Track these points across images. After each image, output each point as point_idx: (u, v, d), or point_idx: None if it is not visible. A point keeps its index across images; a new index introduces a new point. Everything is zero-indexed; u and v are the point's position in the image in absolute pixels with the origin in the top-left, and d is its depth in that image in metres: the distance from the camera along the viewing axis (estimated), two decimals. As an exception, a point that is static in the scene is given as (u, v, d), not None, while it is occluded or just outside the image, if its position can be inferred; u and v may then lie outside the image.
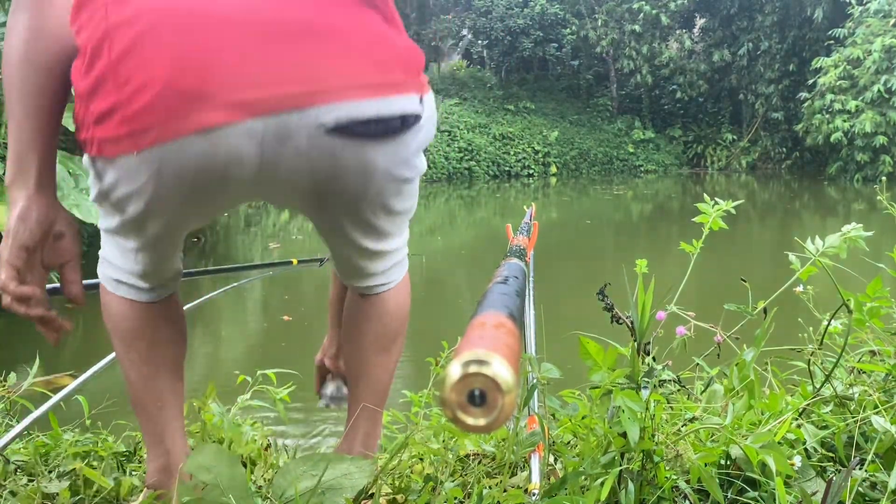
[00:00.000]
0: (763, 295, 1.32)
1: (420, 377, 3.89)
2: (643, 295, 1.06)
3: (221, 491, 1.05)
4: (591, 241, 10.98)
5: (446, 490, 1.14)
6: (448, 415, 0.43)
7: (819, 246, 1.21)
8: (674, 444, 1.13)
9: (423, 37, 24.71)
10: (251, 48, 0.86)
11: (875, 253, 1.32)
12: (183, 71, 0.84)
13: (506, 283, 0.69)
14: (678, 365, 1.41)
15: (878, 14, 19.18)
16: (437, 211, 14.96)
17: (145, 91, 0.84)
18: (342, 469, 1.13)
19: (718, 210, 1.29)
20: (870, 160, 18.69)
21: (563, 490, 1.02)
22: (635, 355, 1.05)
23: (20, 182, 0.95)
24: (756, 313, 1.28)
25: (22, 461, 1.43)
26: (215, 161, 0.88)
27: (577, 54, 25.34)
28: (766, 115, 23.21)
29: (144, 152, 0.87)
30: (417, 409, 1.73)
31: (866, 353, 1.38)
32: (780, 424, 1.12)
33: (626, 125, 25.02)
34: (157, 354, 1.15)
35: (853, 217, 5.21)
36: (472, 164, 21.86)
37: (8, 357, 4.38)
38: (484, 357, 0.43)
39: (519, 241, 1.31)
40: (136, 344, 1.13)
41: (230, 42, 0.86)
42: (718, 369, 1.41)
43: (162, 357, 1.16)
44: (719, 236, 1.36)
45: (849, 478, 0.97)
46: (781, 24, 22.47)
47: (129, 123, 0.86)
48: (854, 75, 18.88)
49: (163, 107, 0.84)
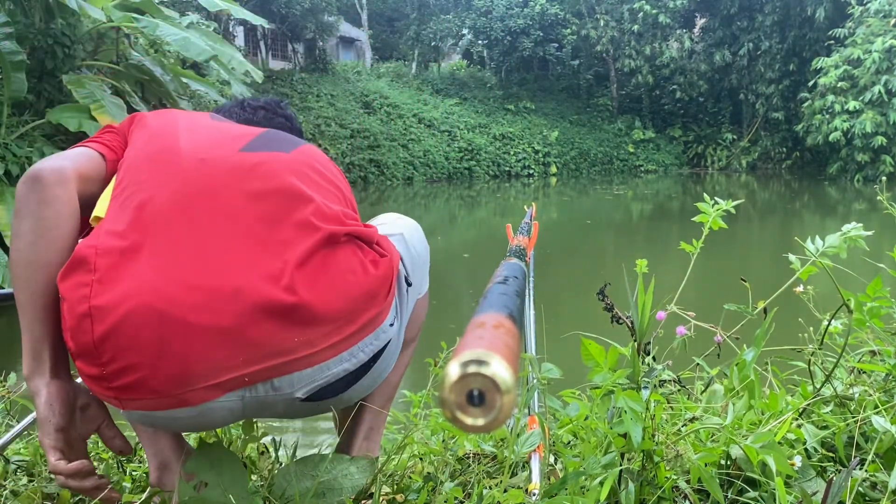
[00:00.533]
0: (763, 295, 1.31)
1: (419, 377, 3.89)
2: (643, 295, 1.06)
3: (221, 491, 1.05)
4: (591, 241, 10.98)
5: (446, 490, 1.14)
6: (447, 415, 0.43)
7: (819, 246, 1.20)
8: (674, 444, 1.13)
9: (422, 37, 24.70)
10: (223, 335, 0.95)
11: (875, 253, 1.32)
12: (164, 360, 0.94)
13: (505, 284, 0.69)
14: (678, 365, 1.41)
15: (878, 14, 19.17)
16: (437, 211, 14.96)
17: (129, 373, 0.94)
18: (342, 469, 1.13)
19: (718, 210, 1.29)
20: (870, 160, 18.70)
21: (564, 490, 1.02)
22: (635, 355, 1.05)
23: (38, 373, 1.03)
24: (756, 313, 1.27)
25: (22, 461, 1.43)
26: (200, 423, 1.03)
27: (577, 54, 25.34)
28: (767, 114, 23.21)
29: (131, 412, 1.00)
30: (417, 410, 1.73)
31: (866, 353, 1.38)
32: (781, 424, 1.12)
33: (627, 125, 25.02)
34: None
35: (853, 217, 5.21)
36: (473, 164, 21.86)
37: (8, 357, 4.37)
38: (483, 357, 0.43)
39: (519, 241, 1.31)
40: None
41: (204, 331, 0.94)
42: (718, 369, 1.41)
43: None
44: (719, 236, 1.36)
45: (849, 478, 0.97)
46: (782, 23, 22.47)
47: (115, 392, 0.96)
48: (854, 75, 18.87)
49: (148, 389, 0.95)
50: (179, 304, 0.93)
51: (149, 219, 1.00)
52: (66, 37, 8.89)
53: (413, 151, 21.14)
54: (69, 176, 1.05)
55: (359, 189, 18.04)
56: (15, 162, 7.54)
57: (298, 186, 1.07)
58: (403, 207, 15.79)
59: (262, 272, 0.97)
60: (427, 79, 25.30)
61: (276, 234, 1.01)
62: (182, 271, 0.96)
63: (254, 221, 1.02)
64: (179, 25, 9.44)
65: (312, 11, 22.06)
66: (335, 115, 20.59)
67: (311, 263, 1.00)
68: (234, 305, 0.95)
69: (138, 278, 0.95)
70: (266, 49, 24.19)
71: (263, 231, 1.01)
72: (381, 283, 1.07)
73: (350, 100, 21.80)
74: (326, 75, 22.76)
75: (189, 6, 15.64)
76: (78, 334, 0.94)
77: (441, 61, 26.79)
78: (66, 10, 8.68)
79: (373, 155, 20.21)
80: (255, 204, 1.03)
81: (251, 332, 0.95)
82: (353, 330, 1.03)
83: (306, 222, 1.03)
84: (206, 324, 0.94)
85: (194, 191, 1.03)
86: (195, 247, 0.98)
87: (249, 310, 0.95)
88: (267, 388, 0.99)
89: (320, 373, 1.01)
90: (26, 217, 1.02)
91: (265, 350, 0.96)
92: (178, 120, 1.18)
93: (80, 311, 0.94)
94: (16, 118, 8.32)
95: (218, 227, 1.00)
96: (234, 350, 0.95)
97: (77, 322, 0.94)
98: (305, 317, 0.98)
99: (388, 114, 21.86)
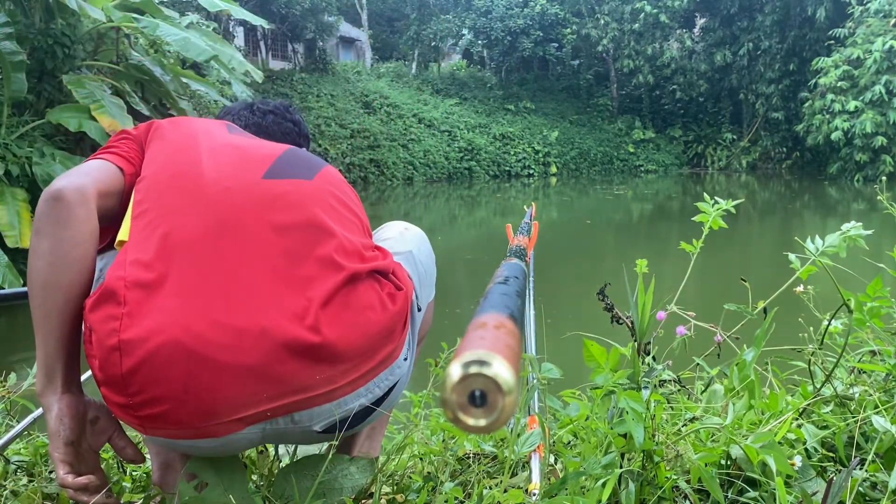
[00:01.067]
0: (763, 295, 1.31)
1: (420, 378, 3.89)
2: (643, 295, 1.06)
3: (221, 491, 1.05)
4: (592, 240, 10.98)
5: (446, 490, 1.14)
6: (449, 415, 0.43)
7: (819, 245, 1.20)
8: (674, 444, 1.13)
9: (423, 37, 24.70)
10: (248, 373, 0.97)
11: (875, 253, 1.32)
12: (190, 395, 0.96)
13: (506, 284, 0.69)
14: (678, 365, 1.41)
15: (878, 14, 19.17)
16: (437, 211, 14.96)
17: (155, 405, 0.97)
18: (342, 469, 1.13)
19: (718, 209, 1.29)
20: (870, 160, 18.69)
21: (564, 490, 1.02)
22: (636, 355, 1.05)
23: (50, 389, 1.05)
24: (756, 313, 1.27)
25: (22, 461, 1.43)
26: (220, 451, 1.05)
27: (577, 54, 25.34)
28: (767, 114, 23.20)
29: (154, 438, 1.02)
30: (417, 410, 1.73)
31: (867, 353, 1.38)
32: (781, 424, 1.12)
33: (627, 125, 25.02)
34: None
35: (853, 217, 5.21)
36: (473, 163, 21.86)
37: (8, 357, 4.38)
38: (484, 357, 0.43)
39: (519, 241, 1.31)
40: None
41: (230, 368, 0.97)
42: (718, 369, 1.41)
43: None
44: (719, 236, 1.36)
45: (849, 478, 0.97)
46: (782, 23, 22.47)
47: (140, 420, 0.99)
48: (854, 75, 18.87)
49: (173, 421, 0.98)
50: (207, 341, 0.96)
51: (175, 249, 1.01)
52: (66, 37, 8.88)
53: (413, 151, 21.15)
54: (90, 195, 1.05)
55: (359, 189, 18.04)
56: (15, 162, 7.53)
57: (322, 219, 1.09)
58: (403, 207, 15.79)
59: (288, 311, 0.99)
60: (427, 79, 25.30)
61: (300, 270, 1.03)
62: (210, 308, 0.98)
63: (278, 256, 1.03)
64: (179, 25, 9.43)
65: (312, 11, 22.06)
66: (335, 115, 20.59)
67: (334, 302, 1.02)
68: (260, 344, 0.97)
69: (167, 313, 0.97)
70: (266, 49, 24.20)
71: (287, 266, 1.03)
72: (398, 318, 1.09)
73: (350, 100, 21.80)
74: (326, 75, 22.76)
75: (189, 6, 15.63)
76: (107, 366, 0.96)
77: (441, 61, 26.79)
78: (66, 11, 8.68)
79: (373, 155, 20.21)
80: (281, 237, 1.05)
81: (276, 369, 0.98)
82: (371, 366, 1.06)
83: (330, 260, 1.05)
84: (232, 363, 0.96)
85: (221, 222, 1.05)
86: (223, 282, 1.00)
87: (275, 349, 0.98)
88: (287, 421, 1.02)
89: (338, 408, 1.04)
90: (46, 237, 1.02)
91: (288, 387, 0.99)
92: (199, 136, 1.18)
93: (109, 345, 0.96)
94: (16, 118, 8.31)
95: (244, 262, 1.02)
96: (258, 387, 0.98)
97: (106, 354, 0.96)
98: (328, 355, 1.01)
99: (388, 114, 21.87)
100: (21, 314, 5.58)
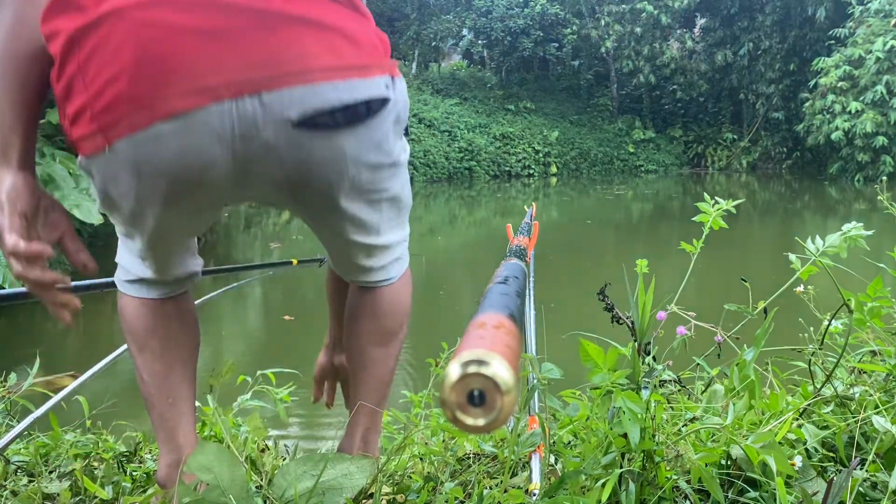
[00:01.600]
0: (763, 295, 1.31)
1: (420, 378, 3.89)
2: (643, 295, 1.06)
3: (222, 491, 1.05)
4: (592, 241, 10.98)
5: (446, 490, 1.14)
6: (448, 415, 0.43)
7: (819, 245, 1.20)
8: (674, 444, 1.13)
9: (423, 37, 24.71)
10: (210, 39, 0.89)
11: (876, 253, 1.32)
12: (146, 64, 0.88)
13: (506, 284, 0.69)
14: (678, 365, 1.41)
15: (878, 14, 19.17)
16: (437, 211, 14.97)
17: (111, 86, 0.88)
18: (342, 469, 1.13)
19: (719, 209, 1.28)
20: (870, 160, 18.68)
21: (564, 490, 1.02)
22: (636, 355, 1.05)
23: (4, 162, 1.00)
24: (756, 313, 1.27)
25: (22, 461, 1.43)
26: (187, 153, 0.92)
27: (577, 54, 25.35)
28: (767, 114, 23.21)
29: (116, 146, 0.91)
30: (417, 410, 1.73)
31: (867, 353, 1.38)
32: (781, 424, 1.12)
33: (627, 125, 25.01)
34: (170, 351, 1.18)
35: (854, 217, 5.22)
36: (473, 164, 21.86)
37: (8, 357, 4.38)
38: (483, 357, 0.43)
39: (519, 241, 1.31)
40: (150, 342, 1.17)
41: (189, 34, 0.89)
42: (719, 369, 1.41)
43: (175, 354, 1.19)
44: (720, 236, 1.36)
45: (849, 478, 0.97)
46: (782, 23, 22.46)
47: (98, 119, 0.90)
48: (855, 75, 18.87)
49: (128, 98, 0.88)
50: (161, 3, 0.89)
51: None
52: (67, 37, 8.88)
53: (413, 151, 20.96)
54: None
55: (359, 189, 17.99)
56: (15, 162, 7.52)
57: None
58: (404, 207, 15.74)
59: None
60: (427, 79, 25.30)
61: None
62: None
63: None
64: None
65: (313, 11, 22.02)
66: (335, 116, 20.56)
67: None
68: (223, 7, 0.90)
69: None
70: (266, 49, 24.15)
71: None
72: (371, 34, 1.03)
73: (350, 100, 21.75)
74: (327, 75, 22.71)
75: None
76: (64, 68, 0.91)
77: (441, 61, 26.79)
78: (67, 11, 8.68)
79: (373, 155, 20.16)
80: None
81: (241, 37, 0.90)
82: (347, 64, 0.97)
83: None
84: (192, 25, 0.89)
85: None
86: None
87: (240, 13, 0.90)
88: (255, 103, 0.91)
89: (313, 94, 0.93)
90: (7, 5, 0.97)
91: (255, 58, 0.90)
92: None
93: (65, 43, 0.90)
94: (16, 118, 8.31)
95: None
96: (221, 53, 0.89)
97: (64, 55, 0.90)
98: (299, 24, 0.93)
99: (388, 114, 21.81)
100: (21, 314, 5.58)
